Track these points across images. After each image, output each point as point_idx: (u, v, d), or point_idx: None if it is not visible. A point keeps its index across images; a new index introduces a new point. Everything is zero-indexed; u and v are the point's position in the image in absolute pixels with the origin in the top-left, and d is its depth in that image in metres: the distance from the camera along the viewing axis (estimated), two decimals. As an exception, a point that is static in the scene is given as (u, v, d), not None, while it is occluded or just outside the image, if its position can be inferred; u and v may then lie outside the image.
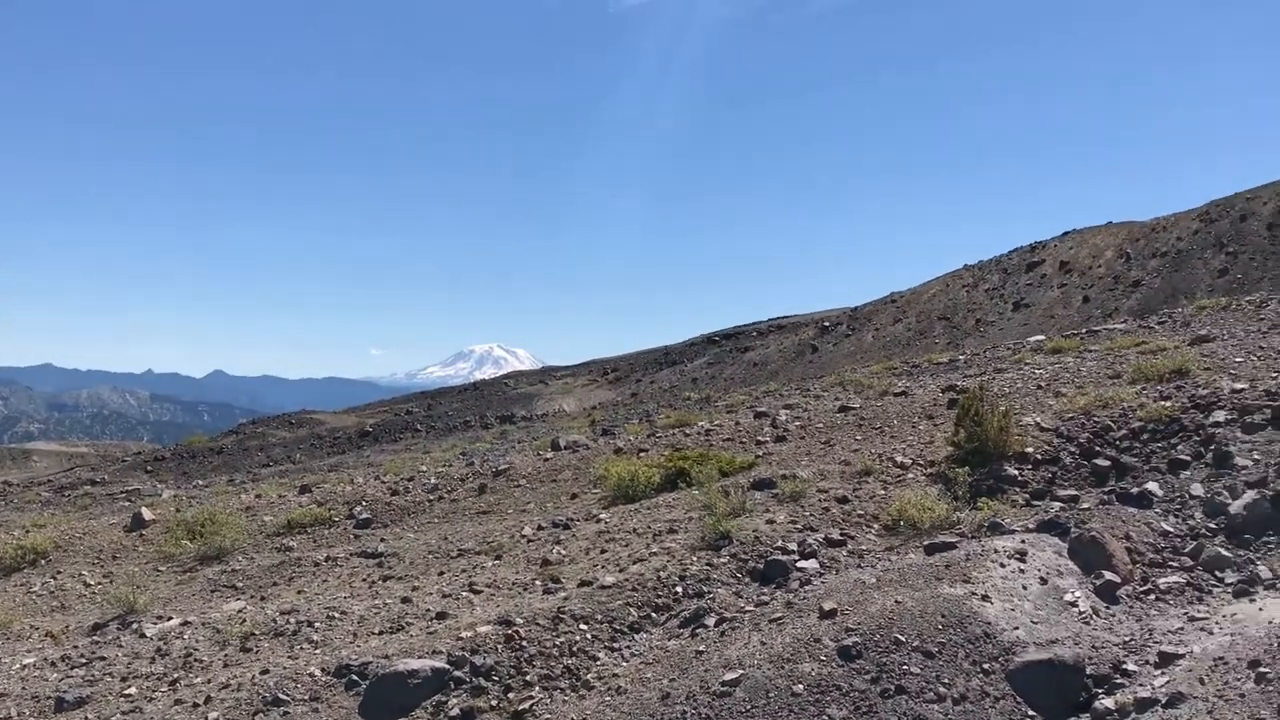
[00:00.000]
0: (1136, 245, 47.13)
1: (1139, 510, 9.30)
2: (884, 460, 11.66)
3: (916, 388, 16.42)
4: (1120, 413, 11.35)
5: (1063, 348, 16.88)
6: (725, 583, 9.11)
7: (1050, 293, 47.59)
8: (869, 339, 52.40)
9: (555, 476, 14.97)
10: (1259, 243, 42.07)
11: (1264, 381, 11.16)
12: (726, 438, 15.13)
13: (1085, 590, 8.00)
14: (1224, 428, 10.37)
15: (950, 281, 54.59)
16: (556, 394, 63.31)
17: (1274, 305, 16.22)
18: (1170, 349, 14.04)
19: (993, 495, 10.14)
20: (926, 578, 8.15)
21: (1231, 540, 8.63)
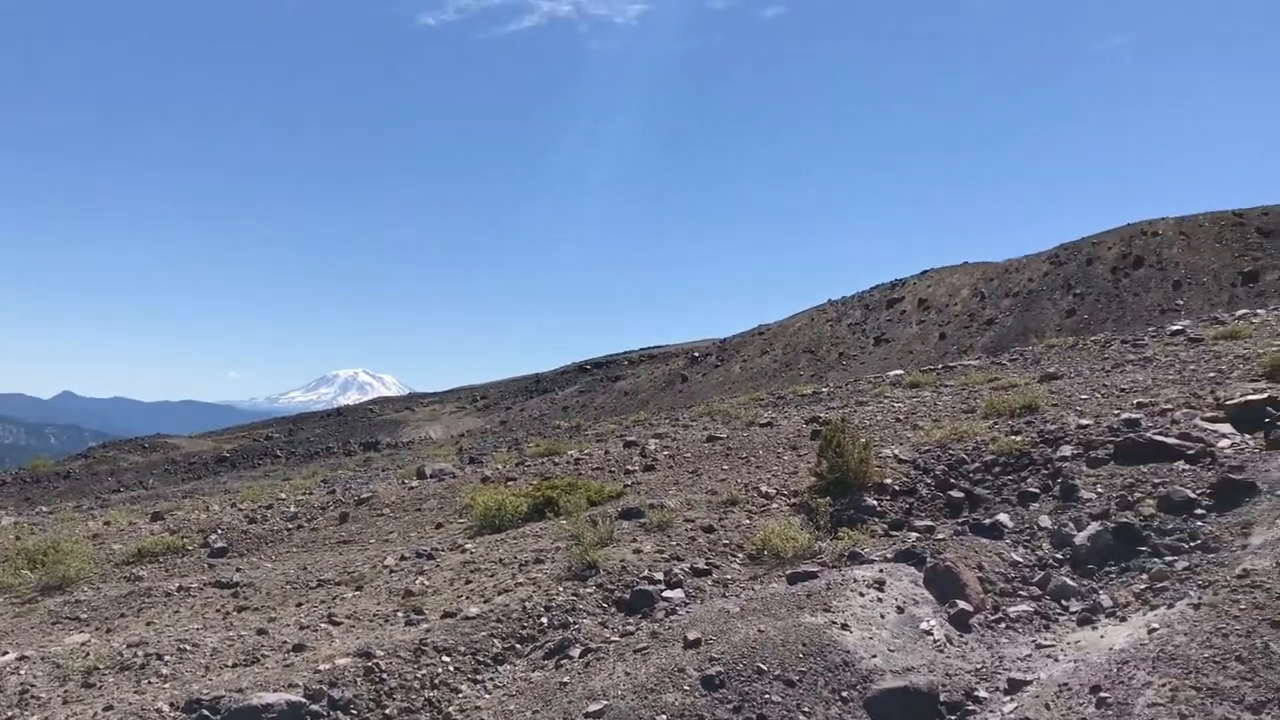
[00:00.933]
0: (991, 285, 49.04)
1: (991, 541, 9.63)
2: (750, 490, 11.82)
3: (782, 419, 16.72)
4: (974, 446, 11.75)
5: (920, 382, 17.42)
6: (591, 613, 9.09)
7: (909, 329, 49.12)
8: (737, 370, 53.21)
9: (420, 505, 14.74)
10: (1104, 285, 44.26)
11: (1107, 418, 11.71)
12: (596, 467, 15.14)
13: (940, 619, 8.23)
14: (1070, 462, 10.83)
15: (816, 316, 55.89)
16: (424, 421, 62.41)
17: (1116, 346, 17.06)
18: (1021, 385, 14.62)
19: (853, 525, 10.37)
20: (789, 607, 8.28)
21: (1076, 570, 9.00)
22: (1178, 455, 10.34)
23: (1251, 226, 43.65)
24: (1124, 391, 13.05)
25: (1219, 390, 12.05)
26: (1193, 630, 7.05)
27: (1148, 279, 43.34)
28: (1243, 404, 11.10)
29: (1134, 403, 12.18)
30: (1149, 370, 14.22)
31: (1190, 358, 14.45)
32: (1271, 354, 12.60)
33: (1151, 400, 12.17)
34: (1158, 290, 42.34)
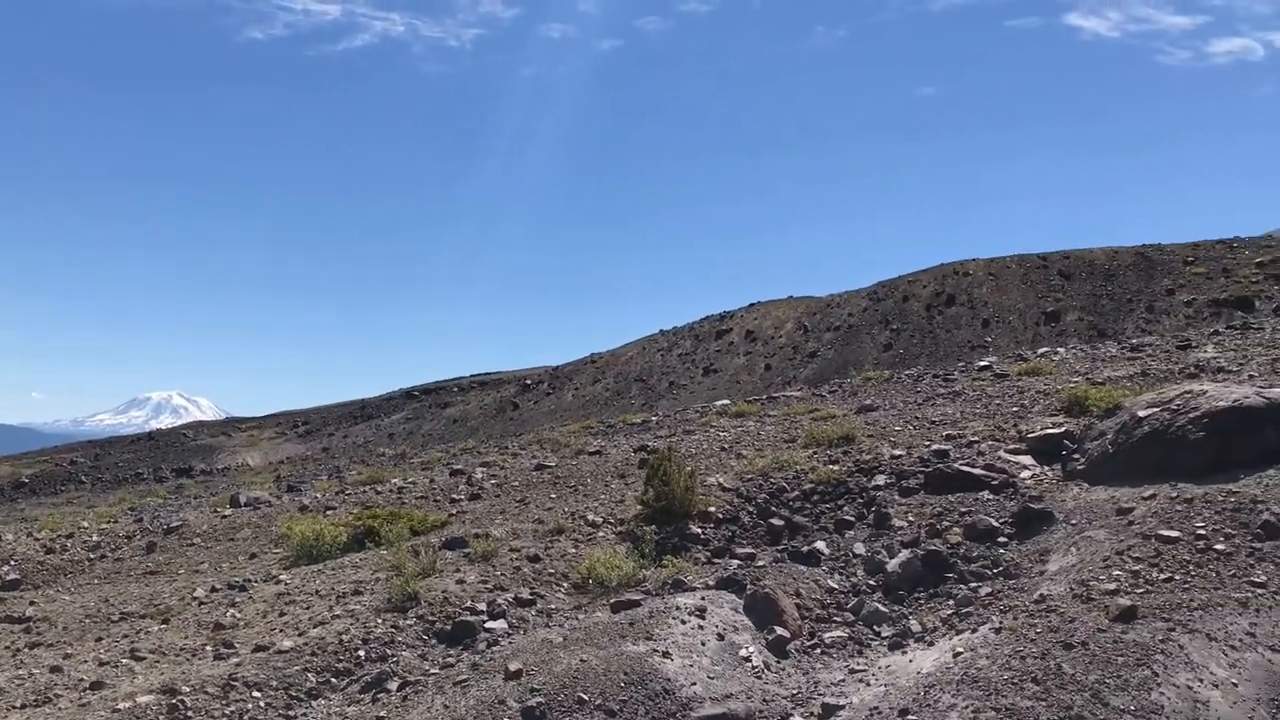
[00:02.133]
0: (814, 319, 50.62)
1: (809, 568, 9.87)
2: (576, 519, 11.81)
3: (611, 447, 16.79)
4: (794, 475, 12.05)
5: (745, 412, 17.79)
6: (411, 645, 8.90)
7: (737, 359, 50.20)
8: (569, 398, 53.27)
9: (233, 535, 14.16)
10: (919, 321, 46.25)
11: (919, 449, 12.20)
12: (420, 495, 14.87)
13: (759, 645, 8.38)
14: (884, 491, 11.22)
15: (647, 345, 56.51)
16: (241, 447, 60.13)
17: (929, 380, 17.82)
18: (839, 416, 15.10)
19: (677, 553, 10.47)
20: (611, 636, 8.29)
21: (888, 596, 9.32)
22: (983, 485, 10.85)
23: (1054, 269, 46.41)
24: (935, 424, 13.62)
25: (1021, 424, 12.71)
26: (994, 654, 7.38)
27: (959, 316, 45.50)
28: (1042, 437, 11.75)
29: (944, 434, 12.73)
30: (958, 404, 14.90)
31: (996, 392, 15.21)
32: (1069, 390, 13.37)
33: (960, 432, 12.73)
34: (968, 327, 44.49)
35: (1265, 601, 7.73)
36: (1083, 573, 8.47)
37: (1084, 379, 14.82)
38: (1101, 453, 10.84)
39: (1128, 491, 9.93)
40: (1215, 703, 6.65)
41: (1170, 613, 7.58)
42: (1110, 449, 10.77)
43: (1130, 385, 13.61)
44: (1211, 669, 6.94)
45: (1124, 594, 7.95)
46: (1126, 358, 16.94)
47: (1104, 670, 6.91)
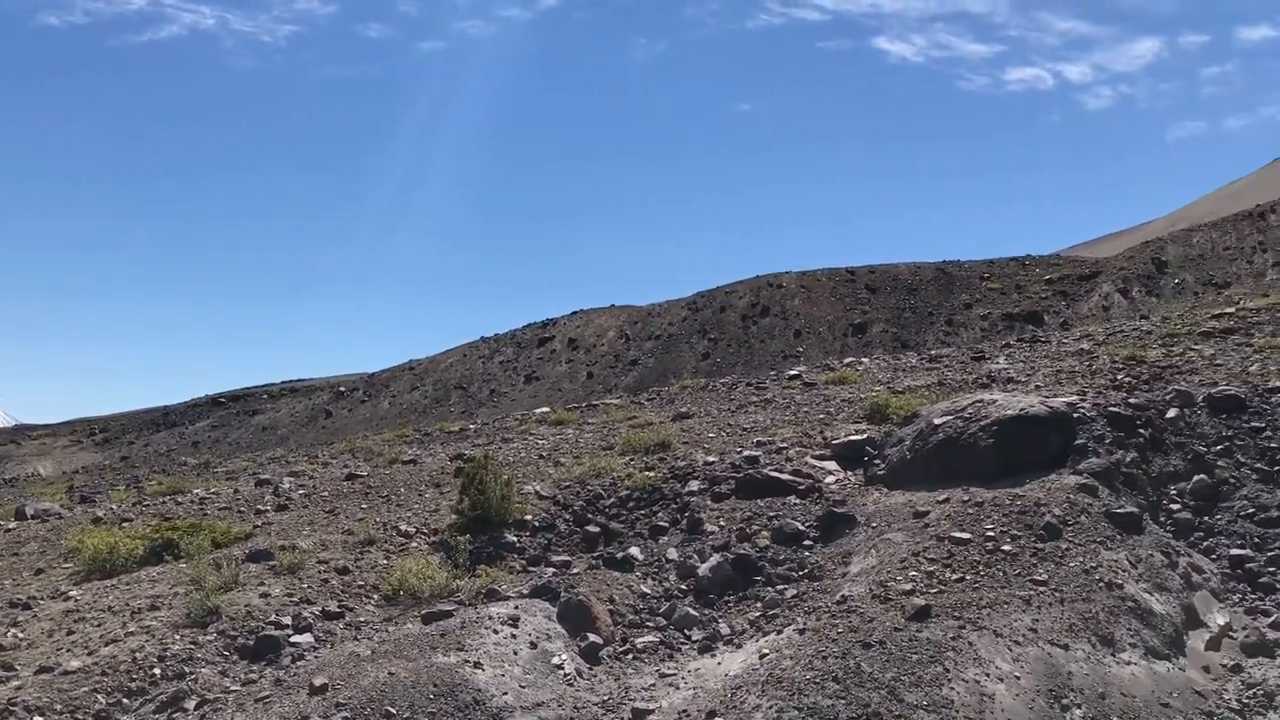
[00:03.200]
0: (635, 327, 51.16)
1: (622, 574, 9.96)
2: (388, 529, 11.57)
3: (426, 456, 16.53)
4: (611, 482, 12.13)
5: (565, 419, 17.82)
6: (211, 662, 8.54)
7: (559, 367, 50.25)
8: (386, 406, 52.21)
9: (18, 549, 13.28)
10: (735, 331, 47.35)
11: (731, 455, 12.47)
12: (224, 506, 14.29)
13: (571, 653, 8.41)
14: (697, 496, 11.42)
15: (468, 352, 55.92)
16: (31, 455, 56.51)
17: (742, 388, 18.25)
18: (656, 424, 15.29)
19: (492, 562, 10.39)
20: (422, 647, 8.16)
21: (699, 600, 9.49)
22: (791, 490, 11.18)
23: (861, 283, 48.29)
24: (746, 430, 13.96)
25: (827, 430, 13.16)
26: (798, 654, 7.62)
27: (773, 327, 46.81)
28: (846, 443, 12.20)
29: (755, 441, 13.06)
30: (769, 411, 15.31)
31: (805, 400, 15.71)
32: (872, 398, 13.93)
33: (770, 439, 13.08)
34: (781, 337, 45.82)
35: (1046, 598, 8.24)
36: (881, 574, 8.84)
37: (886, 388, 15.45)
38: (900, 458, 11.33)
39: (924, 495, 10.42)
40: (1000, 695, 7.04)
41: (961, 611, 7.99)
42: (908, 455, 11.27)
43: (928, 394, 14.28)
44: (997, 663, 7.34)
45: (919, 594, 8.33)
46: (925, 368, 17.76)
47: (900, 668, 7.22)
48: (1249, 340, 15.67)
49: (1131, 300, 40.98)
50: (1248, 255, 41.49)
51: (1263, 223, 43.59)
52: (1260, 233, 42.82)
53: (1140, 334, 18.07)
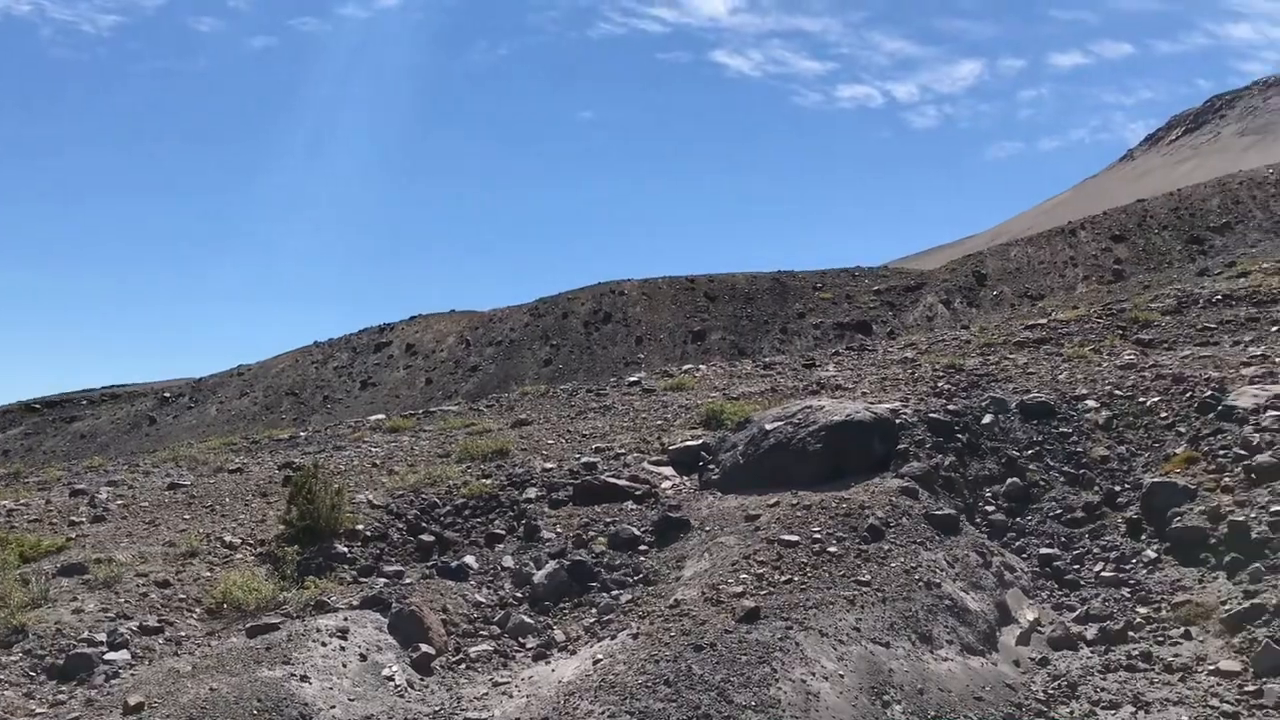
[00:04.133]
0: (476, 333, 50.70)
1: (457, 583, 9.85)
2: (212, 540, 11.15)
3: (254, 464, 15.99)
4: (447, 490, 11.99)
5: (400, 426, 17.52)
6: (15, 683, 8.05)
7: (397, 373, 49.39)
8: (214, 412, 50.33)
9: None
10: (577, 338, 47.46)
11: (569, 462, 12.50)
12: (34, 518, 13.49)
13: (403, 664, 8.27)
14: (534, 504, 11.40)
15: (300, 357, 54.38)
16: None
17: (582, 394, 18.31)
18: (495, 431, 15.19)
19: (322, 573, 10.13)
20: (245, 662, 7.90)
21: (534, 608, 9.47)
22: (627, 496, 11.29)
23: (701, 291, 49.06)
24: (585, 437, 14.01)
25: (664, 436, 13.32)
26: (631, 659, 7.68)
27: (615, 333, 47.11)
28: (683, 449, 12.38)
29: (593, 447, 13.12)
30: (608, 417, 15.41)
31: (643, 406, 15.87)
32: (708, 404, 14.17)
33: (608, 445, 13.17)
34: (623, 344, 46.14)
35: (869, 598, 8.53)
36: (714, 577, 9.00)
37: (722, 394, 15.75)
38: (734, 463, 11.56)
39: (755, 499, 10.66)
40: (825, 693, 7.26)
41: (789, 612, 8.20)
42: (741, 460, 11.51)
43: (761, 400, 14.61)
44: (823, 663, 7.57)
45: (749, 596, 8.52)
46: (760, 375, 18.16)
47: (729, 669, 7.36)
48: (1059, 350, 16.58)
49: (953, 311, 42.83)
50: (1060, 269, 43.89)
51: (1074, 238, 46.19)
52: (1072, 248, 45.36)
53: (960, 343, 18.90)
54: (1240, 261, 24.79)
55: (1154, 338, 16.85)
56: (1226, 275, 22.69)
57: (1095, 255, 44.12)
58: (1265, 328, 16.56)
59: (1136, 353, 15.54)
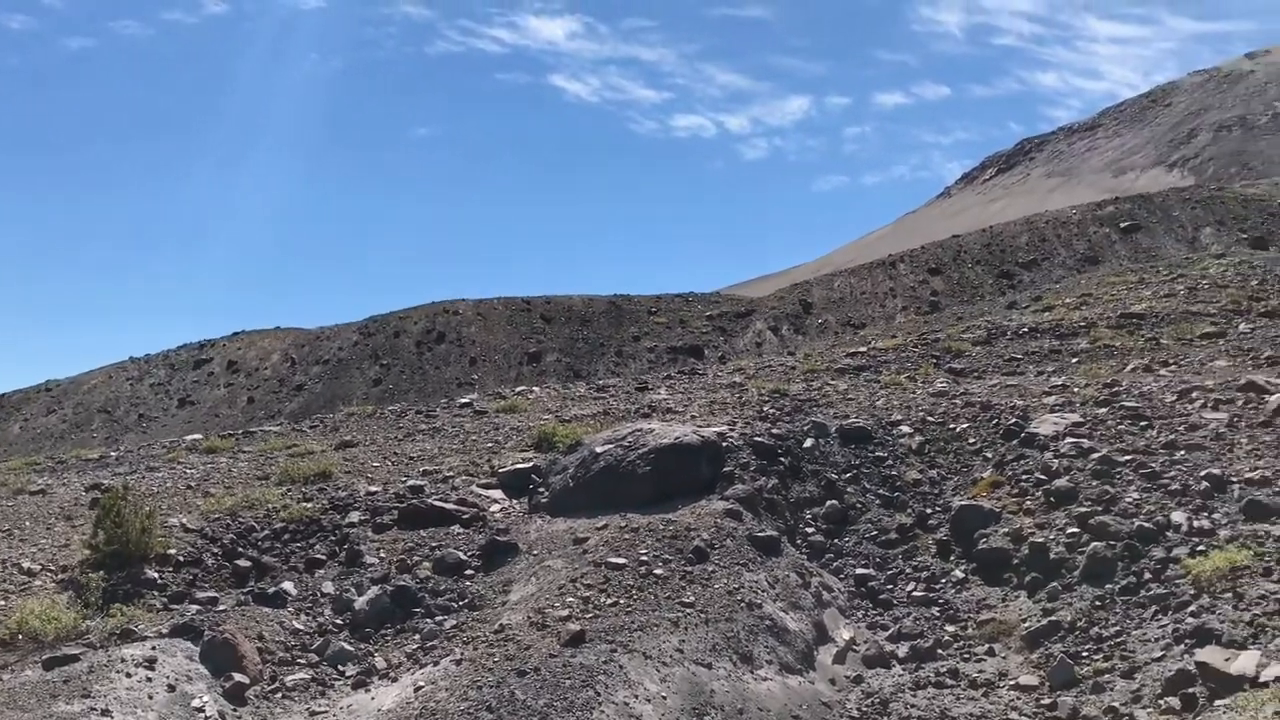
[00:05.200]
0: (302, 351, 49.33)
1: (274, 610, 9.53)
2: (9, 567, 10.48)
3: (59, 485, 15.13)
4: (265, 513, 11.61)
5: (218, 447, 16.86)
6: None
7: (217, 391, 47.61)
8: (16, 430, 47.42)
9: None
10: (409, 358, 46.72)
11: (395, 485, 12.28)
12: None
13: (214, 694, 7.95)
14: (357, 528, 11.15)
15: (114, 373, 51.82)
16: None
17: (411, 415, 18.01)
18: (318, 452, 14.79)
19: (129, 601, 9.64)
20: (41, 696, 7.46)
21: (355, 634, 9.24)
22: (455, 520, 11.15)
23: (537, 313, 49.03)
24: (413, 459, 13.79)
25: (495, 459, 13.23)
26: (453, 685, 7.59)
27: (448, 354, 46.58)
28: (513, 471, 12.32)
29: (420, 470, 12.92)
30: (437, 439, 15.20)
31: (474, 428, 15.72)
32: (539, 426, 14.16)
33: (436, 468, 13.00)
34: (456, 365, 45.67)
35: (693, 620, 8.66)
36: (540, 601, 8.98)
37: (554, 417, 15.76)
38: (563, 486, 11.58)
39: (584, 522, 10.69)
40: (647, 716, 7.33)
41: (614, 635, 8.25)
42: (571, 483, 11.54)
43: (593, 423, 14.69)
44: (646, 685, 7.64)
45: (575, 619, 8.53)
46: (593, 397, 18.26)
47: (553, 694, 7.35)
48: (878, 377, 17.25)
49: (781, 337, 44.04)
50: (881, 300, 45.68)
51: (894, 270, 48.18)
52: (892, 280, 47.29)
53: (786, 369, 19.45)
54: (1045, 296, 26.28)
55: (965, 367, 17.71)
56: (1033, 309, 24.03)
57: (913, 287, 46.12)
58: (1066, 359, 17.61)
59: (949, 381, 16.30)
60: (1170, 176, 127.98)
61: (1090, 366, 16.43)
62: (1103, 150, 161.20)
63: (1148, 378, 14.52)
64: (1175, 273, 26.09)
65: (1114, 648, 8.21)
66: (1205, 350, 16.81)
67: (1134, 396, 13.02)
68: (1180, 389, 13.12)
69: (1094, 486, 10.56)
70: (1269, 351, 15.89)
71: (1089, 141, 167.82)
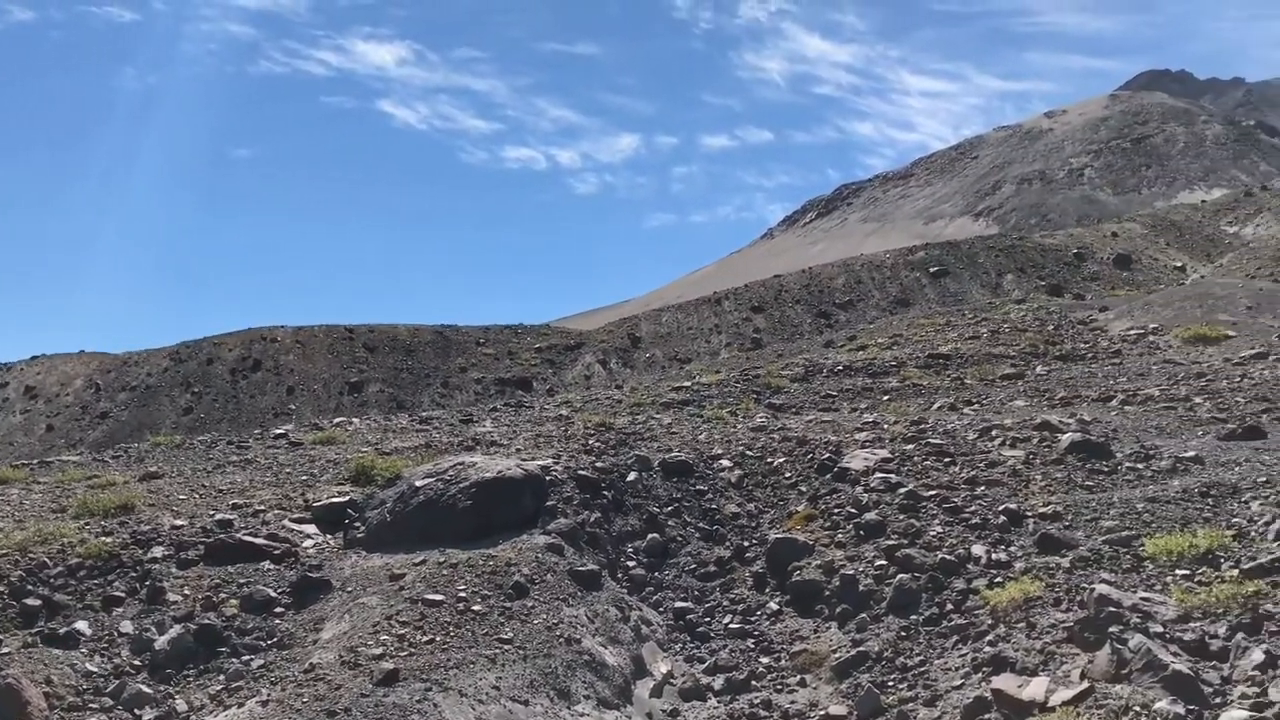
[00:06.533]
0: (108, 377, 46.88)
1: (65, 651, 8.95)
2: None
3: None
4: (60, 549, 10.92)
5: (9, 478, 15.79)
6: None
7: (13, 418, 44.74)
8: None
9: None
10: (223, 385, 44.95)
11: (202, 519, 11.75)
12: None
13: (-7, 745, 7.41)
14: (161, 563, 10.61)
15: (-107, 397, 48.05)
16: None
17: (222, 446, 17.31)
18: (120, 484, 14.03)
19: (-101, 645, 8.91)
20: None
21: (154, 676, 8.77)
22: (265, 555, 10.74)
23: (360, 342, 47.95)
24: (222, 492, 13.24)
25: (310, 492, 12.83)
26: (258, 727, 7.29)
27: (265, 382, 45.03)
28: (328, 505, 11.97)
29: (230, 504, 12.41)
30: (249, 471, 14.65)
31: (288, 460, 15.21)
32: (358, 459, 13.81)
33: (247, 501, 12.51)
34: (273, 394, 44.18)
35: (510, 656, 8.58)
36: (353, 639, 8.73)
37: (374, 449, 15.41)
38: (381, 521, 11.32)
39: (402, 558, 10.47)
40: (461, 754, 7.19)
41: (429, 673, 8.09)
42: (389, 517, 11.29)
43: (414, 456, 14.43)
44: (461, 722, 7.51)
45: (389, 658, 8.33)
46: (416, 429, 17.96)
47: (364, 734, 7.15)
48: (701, 412, 17.57)
49: (610, 371, 44.34)
50: (706, 335, 46.59)
51: (719, 307, 49.24)
52: (717, 316, 48.32)
53: (613, 402, 19.59)
54: (860, 335, 27.36)
55: (784, 402, 18.23)
56: (848, 348, 24.95)
57: (737, 324, 47.24)
58: (878, 396, 18.33)
59: (768, 416, 16.74)
60: (976, 225, 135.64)
61: (899, 404, 17.16)
62: (915, 198, 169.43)
63: (952, 416, 15.25)
64: (979, 316, 27.56)
65: (918, 677, 8.53)
66: (1005, 390, 17.78)
67: (939, 434, 13.64)
68: (982, 427, 13.83)
69: (901, 520, 10.99)
70: (1062, 393, 16.93)
71: (902, 189, 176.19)
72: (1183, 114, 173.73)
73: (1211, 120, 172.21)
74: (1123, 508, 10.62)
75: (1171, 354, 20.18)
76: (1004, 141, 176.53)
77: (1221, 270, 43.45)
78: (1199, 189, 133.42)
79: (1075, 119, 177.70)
